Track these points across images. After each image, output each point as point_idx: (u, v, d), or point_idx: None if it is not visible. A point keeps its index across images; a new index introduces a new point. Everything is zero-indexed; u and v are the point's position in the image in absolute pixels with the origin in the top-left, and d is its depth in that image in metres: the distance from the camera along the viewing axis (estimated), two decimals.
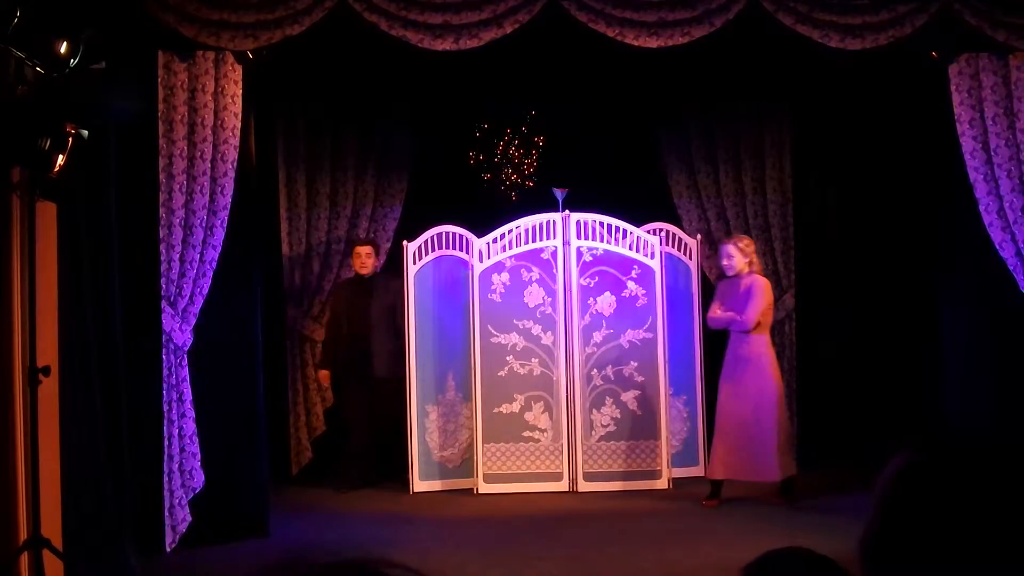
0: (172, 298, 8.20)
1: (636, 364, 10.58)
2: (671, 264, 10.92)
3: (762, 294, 9.60)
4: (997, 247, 8.76)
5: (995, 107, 8.72)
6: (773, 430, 9.50)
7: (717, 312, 9.84)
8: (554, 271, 10.62)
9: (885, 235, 10.85)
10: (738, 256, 9.70)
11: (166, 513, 8.17)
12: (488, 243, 10.64)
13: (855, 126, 10.97)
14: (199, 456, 8.35)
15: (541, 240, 10.61)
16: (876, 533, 2.06)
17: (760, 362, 9.59)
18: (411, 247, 10.67)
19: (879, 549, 2.05)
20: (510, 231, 10.66)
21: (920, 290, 10.37)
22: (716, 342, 11.21)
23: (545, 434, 10.56)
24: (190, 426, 8.31)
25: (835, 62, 9.02)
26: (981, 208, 8.78)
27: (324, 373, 11.24)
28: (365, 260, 10.90)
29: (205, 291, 8.32)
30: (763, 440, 9.53)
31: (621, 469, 10.54)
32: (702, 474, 10.86)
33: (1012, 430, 8.66)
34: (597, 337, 10.59)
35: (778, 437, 9.51)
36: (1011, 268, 8.76)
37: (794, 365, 11.31)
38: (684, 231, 11.40)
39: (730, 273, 9.80)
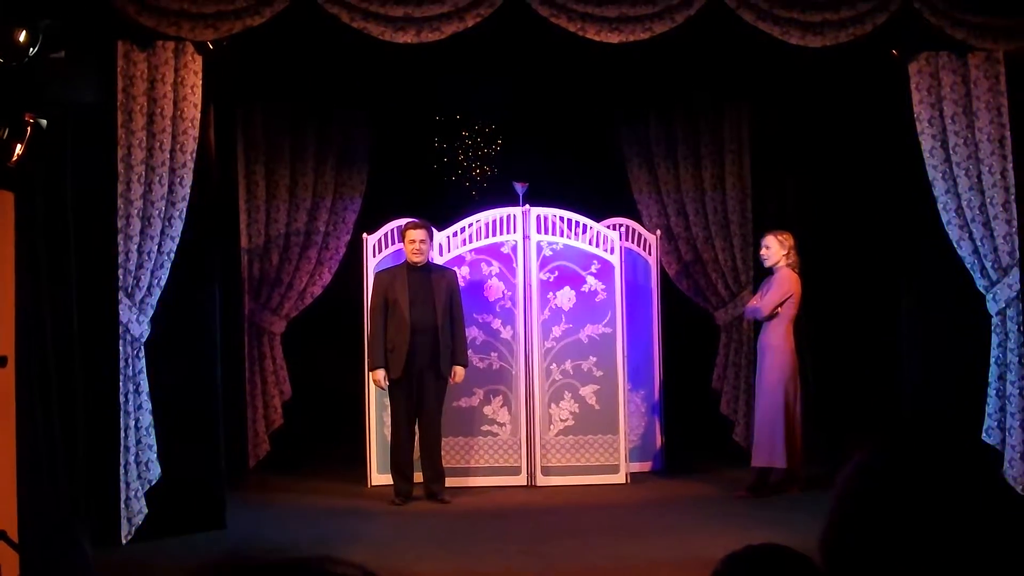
0: (129, 289, 8.14)
1: (595, 359, 10.60)
2: (631, 259, 10.95)
3: (780, 285, 9.75)
4: (955, 244, 8.81)
5: (954, 106, 8.77)
6: (765, 416, 9.74)
7: (751, 302, 10.14)
8: (514, 265, 10.61)
9: (844, 231, 10.90)
10: (775, 247, 9.83)
11: (122, 505, 8.12)
12: (448, 236, 10.62)
13: (815, 123, 11.03)
14: (156, 448, 8.31)
15: (501, 234, 10.61)
16: (835, 529, 2.07)
17: (773, 352, 9.78)
18: (371, 240, 10.65)
19: (838, 545, 2.07)
20: (470, 224, 10.65)
21: (880, 285, 10.41)
22: (675, 337, 11.28)
23: (504, 428, 10.57)
24: (147, 418, 8.25)
25: (796, 59, 9.07)
26: (939, 206, 8.82)
27: (381, 373, 9.89)
28: (420, 246, 9.85)
29: (163, 282, 8.27)
30: (758, 425, 9.88)
31: (579, 463, 10.56)
32: (660, 468, 10.95)
33: (968, 427, 8.72)
34: (556, 332, 10.60)
35: (770, 424, 9.69)
36: (968, 266, 8.80)
37: (751, 360, 11.35)
38: (644, 226, 11.43)
39: (765, 264, 9.96)
